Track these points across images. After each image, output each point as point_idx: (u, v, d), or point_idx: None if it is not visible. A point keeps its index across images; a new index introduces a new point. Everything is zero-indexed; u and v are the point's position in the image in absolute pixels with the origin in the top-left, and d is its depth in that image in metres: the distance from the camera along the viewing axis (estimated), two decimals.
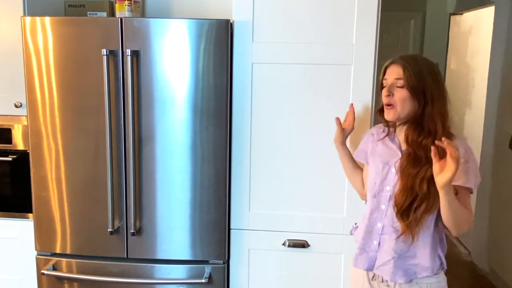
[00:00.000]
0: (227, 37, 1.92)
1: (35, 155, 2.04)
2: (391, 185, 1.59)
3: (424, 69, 1.53)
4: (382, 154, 1.65)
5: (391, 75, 1.56)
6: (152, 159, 2.00)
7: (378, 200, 1.63)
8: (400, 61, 1.55)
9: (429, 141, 1.51)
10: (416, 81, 1.51)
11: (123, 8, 2.08)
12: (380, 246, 1.63)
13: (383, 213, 1.62)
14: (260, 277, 2.11)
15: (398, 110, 1.54)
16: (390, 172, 1.60)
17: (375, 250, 1.64)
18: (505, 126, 3.22)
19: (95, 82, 1.95)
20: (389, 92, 1.55)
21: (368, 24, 1.90)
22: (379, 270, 1.64)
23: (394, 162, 1.60)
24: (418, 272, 1.59)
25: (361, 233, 1.69)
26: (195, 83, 1.94)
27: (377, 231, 1.63)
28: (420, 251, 1.58)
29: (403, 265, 1.59)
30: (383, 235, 1.62)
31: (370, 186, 1.67)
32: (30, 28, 1.95)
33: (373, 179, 1.66)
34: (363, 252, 1.68)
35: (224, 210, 2.03)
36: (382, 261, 1.62)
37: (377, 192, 1.63)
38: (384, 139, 1.67)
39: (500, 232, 3.25)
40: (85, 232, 2.08)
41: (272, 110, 2.00)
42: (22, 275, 2.23)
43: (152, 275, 2.09)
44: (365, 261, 1.67)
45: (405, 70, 1.52)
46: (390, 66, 1.58)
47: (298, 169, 2.02)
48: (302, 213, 2.04)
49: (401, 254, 1.59)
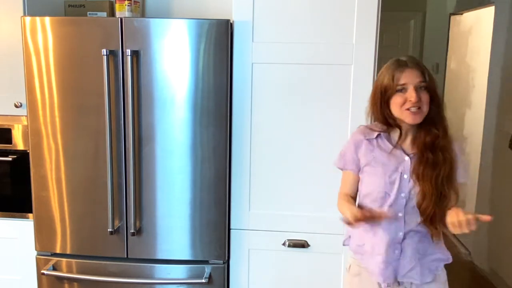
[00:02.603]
0: (227, 37, 1.92)
1: (35, 155, 2.04)
2: (406, 191, 1.55)
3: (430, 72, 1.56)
4: (385, 162, 1.58)
5: (413, 79, 1.51)
6: (152, 159, 2.00)
7: (394, 209, 1.57)
8: (415, 64, 1.53)
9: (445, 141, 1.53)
10: (433, 83, 1.53)
11: (123, 8, 2.08)
12: (402, 253, 1.59)
13: (401, 221, 1.58)
14: (260, 277, 2.11)
15: (424, 112, 1.52)
16: (403, 179, 1.56)
17: (397, 259, 1.60)
18: (505, 126, 3.22)
19: (95, 82, 1.95)
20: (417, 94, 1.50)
21: (368, 24, 1.90)
22: (406, 277, 1.60)
23: (404, 167, 1.56)
24: (438, 266, 1.61)
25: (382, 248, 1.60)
26: (195, 83, 1.94)
27: (398, 240, 1.59)
28: (437, 246, 1.60)
29: (427, 264, 1.60)
30: (404, 240, 1.59)
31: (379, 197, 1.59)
32: (30, 28, 1.95)
33: (382, 189, 1.58)
34: (388, 266, 1.61)
35: (224, 210, 2.03)
36: (409, 267, 1.59)
37: (393, 201, 1.57)
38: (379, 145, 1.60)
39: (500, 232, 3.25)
40: (85, 232, 2.08)
41: (272, 110, 2.00)
42: (22, 275, 2.23)
43: (152, 275, 2.09)
44: (391, 273, 1.61)
45: (424, 71, 1.52)
46: (406, 70, 1.52)
47: (298, 169, 2.02)
48: (302, 213, 2.04)
49: (424, 253, 1.59)
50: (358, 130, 1.67)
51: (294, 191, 2.04)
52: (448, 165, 1.52)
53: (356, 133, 1.66)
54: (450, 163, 1.53)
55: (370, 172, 1.61)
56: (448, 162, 1.52)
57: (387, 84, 1.53)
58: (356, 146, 1.63)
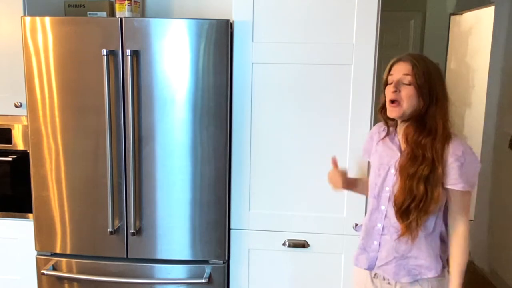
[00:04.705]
0: (227, 37, 1.92)
1: (35, 155, 2.04)
2: (390, 185, 1.59)
3: (432, 69, 1.53)
4: (382, 155, 1.65)
5: (399, 72, 1.53)
6: (152, 159, 2.00)
7: (378, 201, 1.63)
8: (409, 58, 1.53)
9: (428, 140, 1.50)
10: (423, 79, 1.49)
11: (123, 8, 2.08)
12: (381, 246, 1.63)
13: (383, 214, 1.61)
14: (260, 277, 2.11)
15: (403, 107, 1.52)
16: (389, 173, 1.60)
17: (375, 250, 1.64)
18: (505, 126, 3.22)
19: (95, 82, 1.95)
20: (396, 88, 1.52)
21: (368, 24, 1.90)
22: (380, 270, 1.64)
23: (394, 163, 1.59)
24: (422, 273, 1.58)
25: (362, 233, 1.69)
26: (195, 83, 1.94)
27: (378, 231, 1.63)
28: (421, 252, 1.57)
29: (406, 266, 1.59)
30: (384, 235, 1.62)
31: (370, 187, 1.67)
32: (30, 28, 1.95)
33: (373, 180, 1.65)
34: (363, 252, 1.68)
35: (224, 210, 2.03)
36: (384, 261, 1.62)
37: (377, 193, 1.63)
38: (384, 139, 1.66)
39: (500, 232, 3.25)
40: (85, 232, 2.08)
41: (272, 110, 2.00)
42: (22, 275, 2.23)
43: (152, 275, 2.09)
44: (366, 261, 1.67)
45: (414, 67, 1.50)
46: (398, 62, 1.56)
47: (298, 169, 2.02)
48: (302, 213, 2.04)
49: (403, 254, 1.58)
50: (376, 124, 1.76)
51: (294, 191, 2.04)
52: (428, 165, 1.49)
53: (375, 125, 1.77)
54: (430, 163, 1.49)
55: (371, 164, 1.71)
56: (427, 161, 1.49)
57: (384, 77, 1.59)
58: (370, 138, 1.75)
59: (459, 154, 1.49)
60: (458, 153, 1.49)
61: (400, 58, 1.56)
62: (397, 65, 1.56)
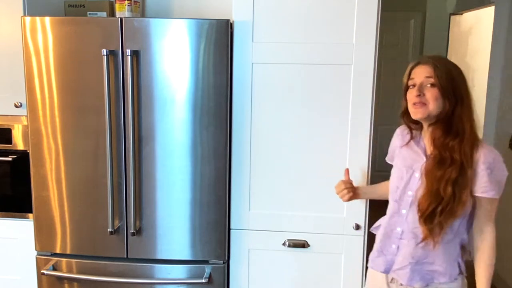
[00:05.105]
0: (227, 37, 1.92)
1: (35, 155, 2.04)
2: (413, 190, 1.56)
3: (453, 69, 1.51)
4: (406, 158, 1.61)
5: (420, 75, 1.51)
6: (152, 159, 2.00)
7: (399, 205, 1.60)
8: (429, 60, 1.52)
9: (455, 142, 1.47)
10: (446, 80, 1.48)
11: (123, 8, 2.08)
12: (398, 250, 1.60)
13: (403, 218, 1.59)
14: (260, 277, 2.11)
15: (429, 108, 1.49)
16: (413, 177, 1.57)
17: (393, 254, 1.62)
18: (505, 126, 3.22)
19: (95, 82, 1.95)
20: (420, 91, 1.50)
21: (368, 24, 1.90)
22: (395, 274, 1.62)
23: (418, 167, 1.56)
24: (435, 277, 1.57)
25: (379, 236, 1.67)
26: (195, 83, 1.94)
27: (396, 235, 1.60)
28: (439, 258, 1.55)
29: (421, 271, 1.57)
30: (402, 239, 1.59)
31: (392, 190, 1.64)
32: (30, 28, 1.95)
33: (395, 183, 1.62)
34: (380, 255, 1.65)
35: (224, 210, 2.03)
36: (399, 265, 1.60)
37: (398, 197, 1.59)
38: (409, 143, 1.63)
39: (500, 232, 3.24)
40: (85, 232, 2.08)
41: (272, 110, 2.00)
42: (22, 275, 2.23)
43: (152, 275, 2.09)
44: (382, 264, 1.65)
45: (436, 68, 1.49)
46: (418, 66, 1.54)
47: (298, 169, 2.02)
48: (302, 213, 2.04)
49: (418, 260, 1.56)
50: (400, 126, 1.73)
51: (294, 191, 2.03)
52: (456, 167, 1.46)
53: (398, 128, 1.74)
54: (459, 166, 1.46)
55: (394, 167, 1.68)
56: (456, 165, 1.46)
57: (404, 82, 1.57)
58: (394, 140, 1.74)
59: (490, 161, 1.46)
60: (490, 160, 1.46)
61: (419, 61, 1.54)
62: (417, 68, 1.53)
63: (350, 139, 1.97)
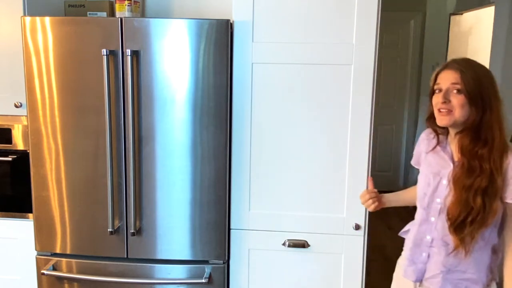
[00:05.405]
0: (227, 37, 1.92)
1: (35, 155, 2.04)
2: (441, 197, 1.52)
3: (481, 74, 1.46)
4: (432, 164, 1.58)
5: (447, 80, 1.47)
6: (152, 159, 2.00)
7: (427, 212, 1.57)
8: (456, 65, 1.47)
9: (484, 151, 1.43)
10: (474, 86, 1.43)
11: (123, 8, 2.08)
12: (429, 259, 1.57)
13: (432, 226, 1.55)
14: (260, 277, 2.11)
15: (455, 115, 1.45)
16: (441, 184, 1.53)
17: (423, 262, 1.58)
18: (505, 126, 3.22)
19: (95, 82, 1.95)
20: (445, 98, 1.45)
21: (368, 24, 1.90)
22: (427, 282, 1.59)
23: (446, 173, 1.52)
24: (468, 286, 1.53)
25: (409, 244, 1.64)
26: (195, 83, 1.94)
27: (426, 243, 1.57)
28: (471, 266, 1.51)
29: (453, 280, 1.53)
30: (432, 247, 1.56)
31: (419, 197, 1.60)
32: (30, 28, 1.95)
33: (422, 189, 1.59)
34: (411, 264, 1.62)
35: (224, 210, 2.03)
36: (431, 274, 1.57)
37: (426, 204, 1.56)
38: (435, 148, 1.59)
39: None
40: (85, 232, 2.08)
41: (272, 110, 2.00)
42: (22, 275, 2.23)
43: (152, 275, 2.09)
44: (413, 273, 1.61)
45: (462, 74, 1.44)
46: (444, 71, 1.49)
47: (298, 169, 2.02)
48: (302, 213, 2.04)
49: (450, 268, 1.53)
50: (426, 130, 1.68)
51: (294, 191, 2.03)
52: (486, 177, 1.42)
53: (423, 132, 1.70)
54: (489, 175, 1.42)
55: (420, 171, 1.64)
56: (486, 174, 1.42)
57: (430, 85, 1.53)
58: (418, 144, 1.70)
59: None
60: None
61: (446, 66, 1.50)
62: (443, 73, 1.49)
63: (350, 139, 1.97)
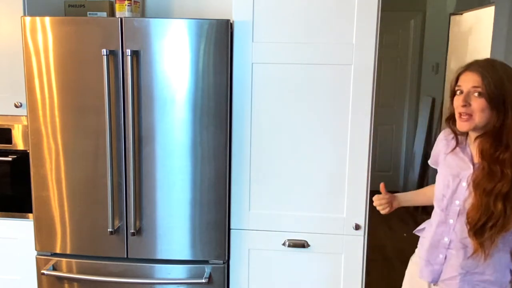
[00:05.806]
0: (227, 37, 1.92)
1: (35, 155, 2.04)
2: (461, 199, 1.50)
3: (504, 76, 1.42)
4: (452, 166, 1.56)
5: (468, 83, 1.44)
6: (152, 159, 2.00)
7: (446, 214, 1.55)
8: (477, 68, 1.44)
9: (507, 155, 1.41)
10: (495, 90, 1.39)
11: (123, 8, 2.08)
12: (446, 260, 1.56)
13: (450, 228, 1.54)
14: (260, 277, 2.11)
15: (475, 120, 1.43)
16: (460, 186, 1.51)
17: (440, 264, 1.57)
18: None
19: (95, 82, 1.95)
20: (465, 102, 1.43)
21: (368, 24, 1.90)
22: (444, 284, 1.57)
23: (466, 176, 1.50)
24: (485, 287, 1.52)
25: (426, 245, 1.63)
26: (195, 83, 1.94)
27: (444, 245, 1.56)
28: (490, 267, 1.50)
29: (471, 282, 1.52)
30: (450, 249, 1.55)
31: (437, 198, 1.59)
32: (30, 28, 1.95)
33: (440, 191, 1.57)
34: (428, 265, 1.61)
35: (224, 210, 2.03)
36: (448, 275, 1.55)
37: (445, 206, 1.55)
38: (455, 150, 1.57)
39: None
40: (85, 232, 2.08)
41: (272, 110, 2.00)
42: (22, 275, 2.23)
43: (152, 275, 2.09)
44: (430, 274, 1.60)
45: (484, 78, 1.41)
46: (465, 72, 1.47)
47: (298, 169, 2.02)
48: (302, 213, 2.04)
49: (468, 270, 1.52)
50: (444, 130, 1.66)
51: (294, 191, 2.03)
52: (507, 183, 1.40)
53: (442, 132, 1.68)
54: (510, 180, 1.40)
55: (439, 172, 1.63)
56: (507, 179, 1.40)
57: (451, 85, 1.51)
58: (437, 145, 1.68)
59: None
60: None
61: (467, 68, 1.47)
62: (464, 75, 1.47)
63: (350, 139, 1.97)
